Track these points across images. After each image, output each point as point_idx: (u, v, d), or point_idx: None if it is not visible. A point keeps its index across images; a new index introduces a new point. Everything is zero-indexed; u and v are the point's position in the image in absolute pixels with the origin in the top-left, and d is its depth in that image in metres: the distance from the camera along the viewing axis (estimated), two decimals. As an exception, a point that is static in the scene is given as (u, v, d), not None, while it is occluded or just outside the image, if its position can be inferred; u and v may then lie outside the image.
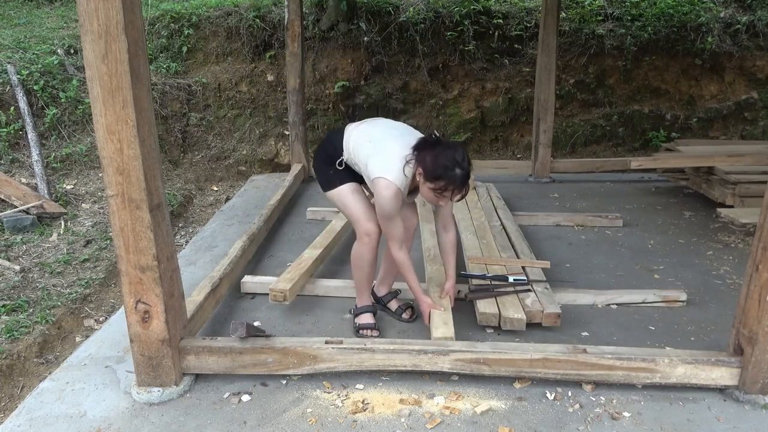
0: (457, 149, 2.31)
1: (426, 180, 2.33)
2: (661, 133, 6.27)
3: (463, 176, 2.29)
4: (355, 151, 2.52)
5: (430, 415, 2.15)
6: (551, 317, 2.67)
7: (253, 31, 6.23)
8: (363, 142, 2.51)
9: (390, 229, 2.50)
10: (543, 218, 4.27)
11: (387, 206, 2.40)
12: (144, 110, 1.93)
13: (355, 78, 6.28)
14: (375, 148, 2.45)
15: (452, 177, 2.27)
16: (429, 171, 2.30)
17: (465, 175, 2.30)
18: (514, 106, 6.33)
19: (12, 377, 2.81)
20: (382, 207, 2.41)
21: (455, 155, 2.28)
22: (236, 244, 3.39)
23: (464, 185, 2.32)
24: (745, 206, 4.17)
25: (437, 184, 2.30)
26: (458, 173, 2.27)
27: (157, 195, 2.03)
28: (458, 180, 2.28)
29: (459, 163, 2.28)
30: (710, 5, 6.58)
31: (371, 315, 2.76)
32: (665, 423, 2.10)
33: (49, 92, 5.32)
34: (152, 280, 2.07)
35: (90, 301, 3.47)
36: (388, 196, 2.37)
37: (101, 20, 1.78)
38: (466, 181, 2.32)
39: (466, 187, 2.34)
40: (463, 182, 2.30)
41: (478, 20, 6.31)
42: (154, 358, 2.18)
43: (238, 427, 2.09)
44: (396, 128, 2.58)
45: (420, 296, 2.65)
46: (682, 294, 3.00)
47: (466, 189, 2.34)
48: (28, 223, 4.16)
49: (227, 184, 5.85)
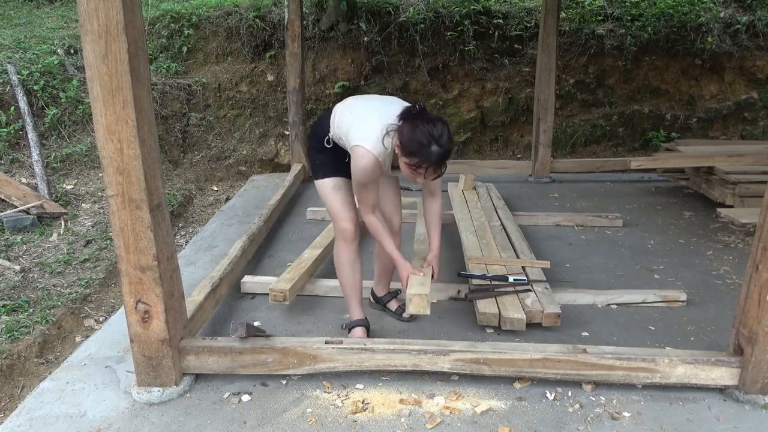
0: (436, 124, 2.15)
1: (401, 154, 2.20)
2: (661, 133, 6.27)
3: (439, 154, 2.14)
4: (339, 124, 2.42)
5: (430, 415, 2.15)
6: (551, 317, 2.67)
7: (253, 31, 6.23)
8: (346, 113, 2.41)
9: (363, 194, 2.37)
10: (543, 218, 4.27)
11: (361, 176, 2.29)
12: (144, 110, 1.93)
13: (355, 78, 6.28)
14: (355, 118, 2.35)
15: (427, 154, 2.12)
16: (404, 145, 2.17)
17: (442, 153, 2.14)
18: (514, 106, 6.33)
19: (12, 377, 2.81)
20: (357, 176, 2.30)
21: (433, 130, 2.13)
22: (236, 244, 3.39)
23: (440, 164, 2.17)
24: (745, 206, 4.17)
25: (411, 160, 2.17)
26: (434, 150, 2.12)
27: (157, 195, 2.03)
28: (434, 158, 2.13)
29: (436, 140, 2.12)
30: (710, 5, 6.58)
31: (363, 330, 2.64)
32: (665, 423, 2.10)
33: (49, 92, 5.32)
34: (152, 280, 2.07)
35: (90, 301, 3.47)
36: (364, 165, 2.26)
37: (101, 20, 1.78)
38: (444, 159, 2.17)
39: (443, 167, 2.20)
40: (440, 160, 2.15)
41: (478, 20, 6.31)
42: (154, 358, 2.18)
43: (238, 427, 2.09)
44: (381, 99, 2.48)
45: (399, 260, 2.48)
46: (682, 294, 3.00)
47: (442, 168, 2.20)
48: (28, 223, 4.16)
49: (227, 184, 5.85)
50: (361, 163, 2.26)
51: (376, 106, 2.38)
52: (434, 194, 2.54)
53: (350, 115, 2.38)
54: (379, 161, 2.28)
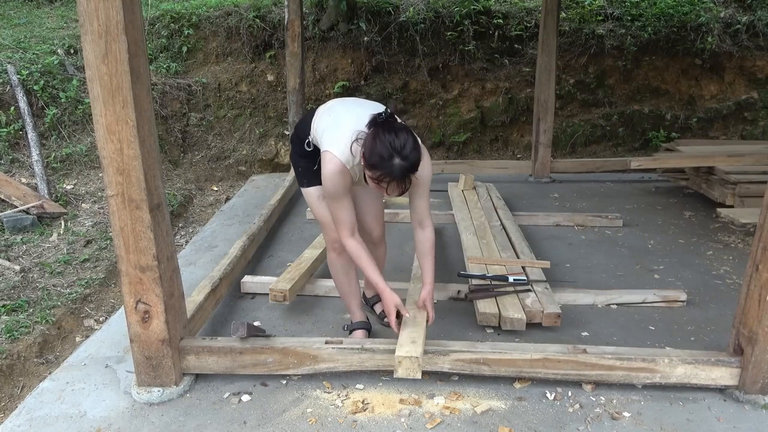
0: (399, 134, 1.96)
1: (364, 166, 2.04)
2: (661, 133, 6.27)
3: (401, 168, 1.94)
4: (317, 127, 2.28)
5: (430, 415, 2.15)
6: (551, 317, 2.67)
7: (253, 31, 6.23)
8: (325, 116, 2.28)
9: (336, 212, 2.21)
10: (543, 218, 4.27)
11: (329, 183, 2.14)
12: (144, 110, 1.93)
13: (355, 78, 6.28)
14: (330, 122, 2.22)
15: (389, 168, 1.94)
16: (366, 157, 2.00)
17: (405, 167, 1.95)
18: (514, 106, 6.33)
19: (12, 377, 2.81)
20: (325, 186, 2.16)
21: (395, 141, 1.94)
22: (236, 244, 3.39)
23: (403, 179, 1.98)
24: (745, 206, 4.17)
25: (374, 173, 1.99)
26: (396, 164, 1.94)
27: (157, 195, 2.03)
28: (396, 172, 1.95)
29: (398, 152, 1.93)
30: (710, 5, 6.58)
31: (364, 332, 2.61)
32: (665, 423, 2.10)
33: (49, 92, 5.32)
34: (152, 280, 2.07)
35: (90, 301, 3.47)
36: (330, 171, 2.10)
37: (101, 20, 1.78)
38: (407, 174, 1.97)
39: (407, 181, 2.01)
40: (402, 175, 1.96)
41: (478, 20, 6.31)
42: (154, 358, 2.18)
43: (238, 427, 2.09)
44: (362, 104, 2.32)
45: (383, 289, 2.27)
46: (682, 294, 3.00)
47: (405, 183, 2.01)
48: (28, 223, 4.16)
49: (227, 184, 5.85)
50: (328, 168, 2.12)
51: (354, 110, 2.23)
52: (423, 224, 2.32)
53: (327, 118, 2.26)
54: (347, 169, 2.15)
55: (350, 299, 2.64)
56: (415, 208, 2.31)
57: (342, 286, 2.61)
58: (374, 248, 2.61)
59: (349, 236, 2.25)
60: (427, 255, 2.36)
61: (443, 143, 6.35)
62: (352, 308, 2.66)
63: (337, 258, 2.50)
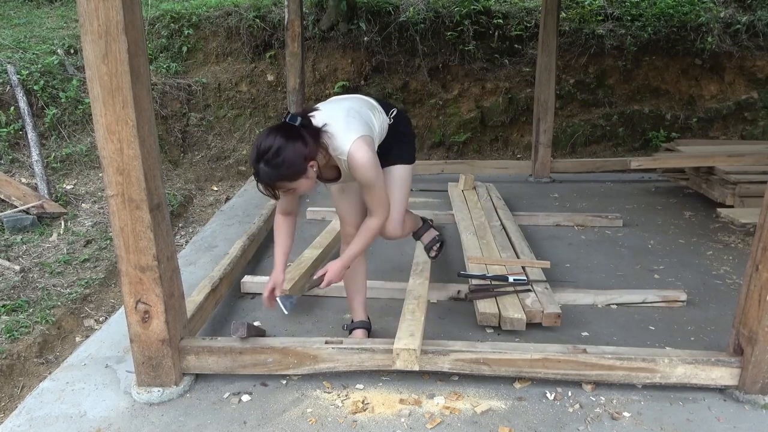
0: (268, 135, 1.96)
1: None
2: (661, 133, 6.27)
3: (260, 172, 1.95)
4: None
5: (430, 415, 2.15)
6: (551, 317, 2.67)
7: (253, 31, 6.24)
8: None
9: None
10: (543, 218, 4.27)
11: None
12: (144, 110, 1.93)
13: (355, 78, 6.28)
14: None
15: (255, 169, 1.97)
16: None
17: (261, 172, 1.95)
18: (514, 106, 6.34)
19: (12, 377, 2.81)
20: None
21: (262, 143, 1.95)
22: (236, 244, 3.39)
23: (264, 183, 1.98)
24: (745, 206, 4.17)
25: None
26: (257, 168, 1.95)
27: (157, 195, 2.03)
28: (258, 174, 1.96)
29: (258, 155, 1.93)
30: (710, 5, 6.58)
31: (364, 332, 2.61)
32: (665, 423, 2.10)
33: (49, 92, 5.32)
34: (152, 280, 2.07)
35: (90, 301, 3.47)
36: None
37: (101, 20, 1.78)
38: (263, 179, 1.96)
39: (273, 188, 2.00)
40: (260, 179, 1.96)
41: (478, 20, 6.31)
42: (154, 358, 2.18)
43: (238, 427, 2.09)
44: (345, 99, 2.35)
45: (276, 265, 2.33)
46: (682, 294, 3.00)
47: (269, 187, 1.99)
48: (28, 223, 4.16)
49: (227, 184, 5.85)
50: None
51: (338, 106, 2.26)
52: (369, 214, 2.27)
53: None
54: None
55: (354, 296, 2.65)
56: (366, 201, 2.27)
57: (347, 281, 2.61)
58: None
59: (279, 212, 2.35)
60: (357, 235, 2.30)
61: (443, 143, 6.35)
62: (354, 305, 2.66)
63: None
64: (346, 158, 2.11)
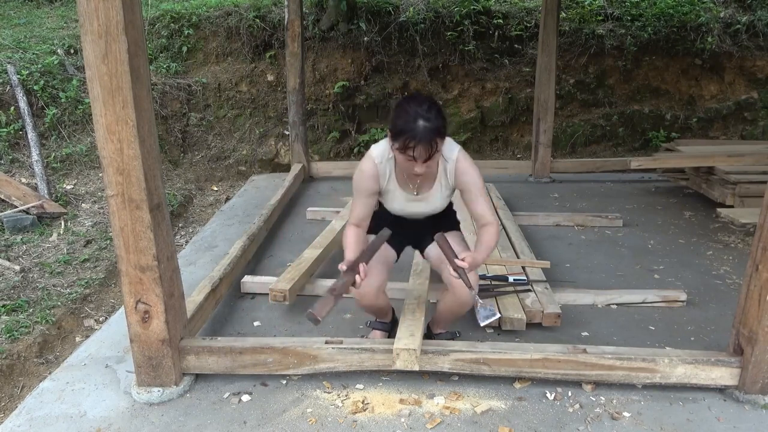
0: (423, 102, 2.01)
1: (392, 140, 2.06)
2: (661, 133, 6.27)
3: (425, 129, 1.95)
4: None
5: (430, 415, 2.15)
6: (551, 317, 2.67)
7: (253, 31, 6.23)
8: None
9: (353, 204, 2.28)
10: (543, 218, 4.27)
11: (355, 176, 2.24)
12: (144, 110, 1.93)
13: (355, 78, 6.28)
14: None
15: (411, 129, 1.96)
16: (392, 129, 2.03)
17: (429, 128, 1.96)
18: (514, 106, 6.33)
19: (12, 377, 2.81)
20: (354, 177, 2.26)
21: (419, 108, 1.98)
22: (236, 244, 3.39)
23: (429, 140, 1.97)
24: (745, 206, 4.17)
25: (400, 142, 2.00)
26: (420, 125, 1.95)
27: (157, 195, 2.03)
28: (419, 132, 1.95)
29: (422, 115, 1.96)
30: (710, 5, 6.58)
31: (382, 333, 2.55)
32: (665, 423, 2.10)
33: (49, 92, 5.32)
34: (152, 280, 2.07)
35: (90, 301, 3.47)
36: (359, 166, 2.22)
37: (101, 20, 1.78)
38: (432, 135, 1.97)
39: (434, 145, 1.99)
40: (427, 136, 1.96)
41: (478, 20, 6.31)
42: (154, 358, 2.18)
43: (238, 427, 2.09)
44: None
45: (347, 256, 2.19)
46: (682, 294, 3.00)
47: (433, 146, 1.99)
48: (28, 223, 4.16)
49: (227, 184, 5.85)
50: (360, 164, 2.22)
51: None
52: (484, 223, 2.21)
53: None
54: (376, 166, 2.19)
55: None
56: (473, 215, 2.26)
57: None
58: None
59: (351, 224, 2.27)
60: (483, 243, 2.19)
61: (443, 143, 6.34)
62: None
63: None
64: (453, 161, 2.18)
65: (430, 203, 2.31)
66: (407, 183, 2.25)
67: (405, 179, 2.24)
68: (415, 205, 2.31)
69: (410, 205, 2.31)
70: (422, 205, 2.31)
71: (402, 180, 2.25)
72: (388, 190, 2.28)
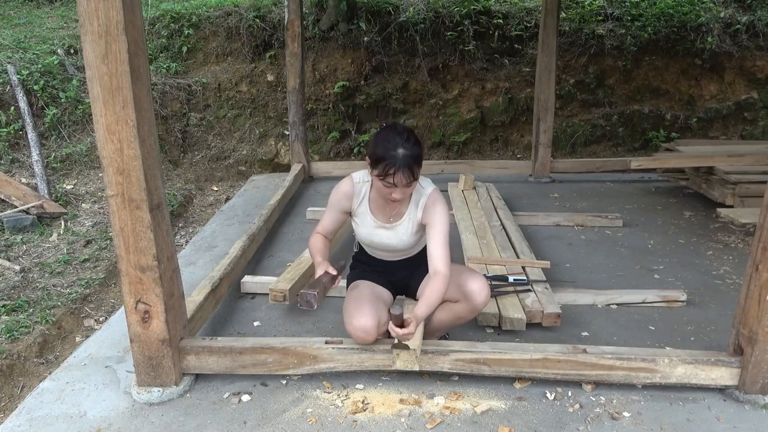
0: (402, 131, 2.07)
1: (371, 168, 2.10)
2: (661, 133, 6.27)
3: (405, 156, 2.00)
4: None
5: (430, 415, 2.15)
6: (551, 317, 2.67)
7: (253, 31, 6.23)
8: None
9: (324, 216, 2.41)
10: (543, 218, 4.27)
11: (332, 193, 2.34)
12: (144, 110, 1.93)
13: (355, 78, 6.28)
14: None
15: (392, 156, 2.00)
16: (371, 156, 2.08)
17: (408, 156, 2.01)
18: (514, 106, 6.33)
19: (12, 377, 2.81)
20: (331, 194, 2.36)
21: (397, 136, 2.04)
22: (236, 244, 3.39)
23: (408, 167, 2.01)
24: (745, 206, 4.17)
25: (379, 169, 2.04)
26: (399, 153, 2.00)
27: (157, 195, 2.03)
28: (399, 160, 2.00)
29: (401, 144, 2.02)
30: (710, 5, 6.58)
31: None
32: (665, 423, 2.10)
33: (49, 92, 5.32)
34: (152, 280, 2.07)
35: (90, 301, 3.47)
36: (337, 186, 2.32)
37: (101, 20, 1.78)
38: (411, 162, 2.01)
39: (413, 172, 2.03)
40: (407, 163, 2.00)
41: (478, 20, 6.31)
42: (154, 358, 2.18)
43: (238, 427, 2.09)
44: None
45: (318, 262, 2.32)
46: (682, 294, 3.00)
47: (412, 173, 2.03)
48: (28, 223, 4.16)
49: (227, 184, 5.85)
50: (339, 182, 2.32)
51: None
52: (435, 271, 2.13)
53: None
54: (354, 186, 2.27)
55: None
56: (429, 254, 2.18)
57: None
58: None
59: (317, 232, 2.43)
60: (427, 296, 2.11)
61: (443, 143, 6.35)
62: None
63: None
64: (426, 196, 2.22)
65: (398, 234, 2.28)
66: (380, 210, 2.28)
67: (379, 207, 2.27)
68: (383, 233, 2.30)
69: (377, 233, 2.30)
70: (390, 235, 2.29)
71: (375, 206, 2.28)
72: (358, 213, 2.31)
